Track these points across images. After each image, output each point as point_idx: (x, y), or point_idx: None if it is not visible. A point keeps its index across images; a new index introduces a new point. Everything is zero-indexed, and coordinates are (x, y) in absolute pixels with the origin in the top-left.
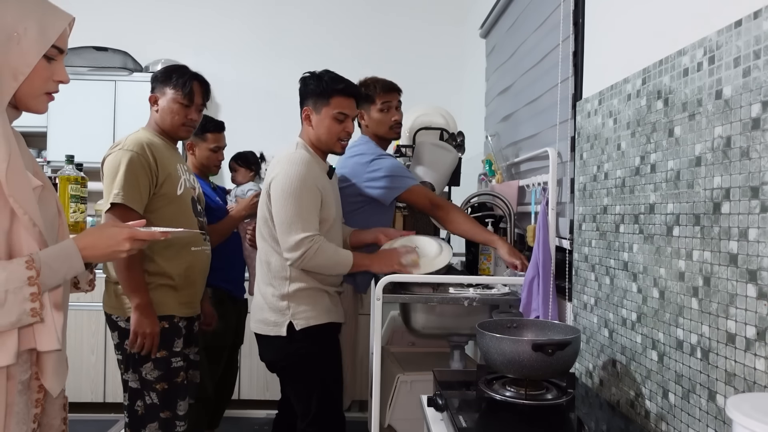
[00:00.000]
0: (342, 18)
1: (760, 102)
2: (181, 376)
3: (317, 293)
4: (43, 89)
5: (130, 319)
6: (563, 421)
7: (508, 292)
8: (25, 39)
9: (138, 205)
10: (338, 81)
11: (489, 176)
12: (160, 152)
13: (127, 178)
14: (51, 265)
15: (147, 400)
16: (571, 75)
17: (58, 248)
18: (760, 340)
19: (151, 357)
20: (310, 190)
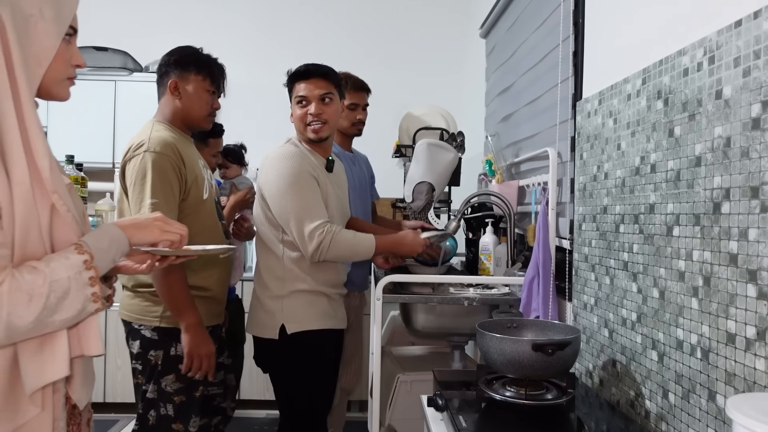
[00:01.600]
0: (342, 18)
1: (760, 102)
2: (199, 391)
3: (315, 296)
4: (65, 74)
5: (182, 340)
6: (563, 421)
7: (508, 292)
8: (42, 21)
9: (174, 213)
10: (298, 68)
11: (489, 176)
12: (185, 152)
13: (158, 183)
14: (101, 247)
15: (161, 411)
16: (571, 75)
17: (100, 232)
18: (760, 340)
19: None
20: (306, 179)
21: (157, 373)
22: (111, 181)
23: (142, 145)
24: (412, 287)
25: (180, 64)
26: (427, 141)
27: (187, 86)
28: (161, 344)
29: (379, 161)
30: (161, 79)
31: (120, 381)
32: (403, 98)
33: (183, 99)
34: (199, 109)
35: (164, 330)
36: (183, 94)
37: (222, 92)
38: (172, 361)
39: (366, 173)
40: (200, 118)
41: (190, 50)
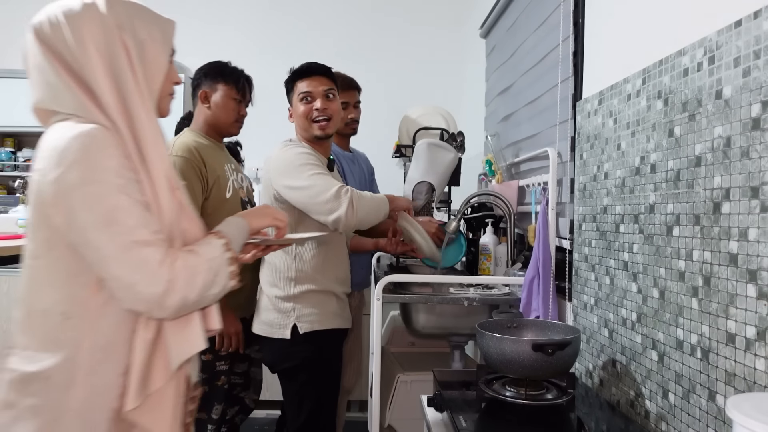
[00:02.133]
0: (341, 18)
1: (760, 102)
2: (222, 380)
3: (325, 296)
4: (168, 90)
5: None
6: (563, 421)
7: (508, 292)
8: (153, 44)
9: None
10: (299, 66)
11: (489, 176)
12: (208, 154)
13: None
14: (233, 232)
15: None
16: (571, 75)
17: (228, 221)
18: (760, 340)
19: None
20: (316, 160)
21: None
22: None
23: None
24: (412, 287)
25: (209, 76)
26: (427, 141)
27: (215, 95)
28: None
29: (379, 161)
30: (194, 90)
31: None
32: (403, 98)
33: (212, 107)
34: (226, 116)
35: None
36: (212, 103)
37: (249, 101)
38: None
39: (365, 172)
40: (227, 124)
41: (219, 63)
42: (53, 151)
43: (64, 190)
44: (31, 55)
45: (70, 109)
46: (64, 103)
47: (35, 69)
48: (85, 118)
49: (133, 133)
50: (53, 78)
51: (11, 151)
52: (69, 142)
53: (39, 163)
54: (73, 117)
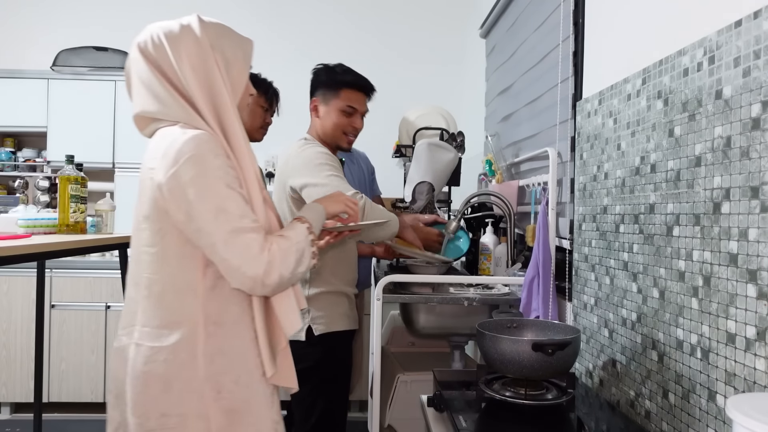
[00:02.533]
0: (342, 18)
1: (760, 102)
2: None
3: (337, 297)
4: (246, 102)
5: None
6: (563, 421)
7: (508, 292)
8: (236, 62)
9: None
10: (350, 73)
11: (489, 176)
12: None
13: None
14: (313, 217)
15: None
16: (571, 75)
17: (308, 207)
18: (760, 340)
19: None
20: (336, 162)
21: None
22: (111, 181)
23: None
24: (412, 287)
25: None
26: (427, 141)
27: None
28: None
29: (379, 161)
30: None
31: None
32: (403, 98)
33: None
34: (252, 121)
35: None
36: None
37: (275, 111)
38: None
39: (365, 171)
40: (253, 129)
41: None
42: (169, 152)
43: (181, 185)
44: (137, 70)
45: (176, 117)
46: (171, 112)
47: (141, 82)
48: (189, 125)
49: (226, 138)
50: (160, 91)
51: (11, 151)
52: (183, 144)
53: (152, 163)
54: (178, 124)
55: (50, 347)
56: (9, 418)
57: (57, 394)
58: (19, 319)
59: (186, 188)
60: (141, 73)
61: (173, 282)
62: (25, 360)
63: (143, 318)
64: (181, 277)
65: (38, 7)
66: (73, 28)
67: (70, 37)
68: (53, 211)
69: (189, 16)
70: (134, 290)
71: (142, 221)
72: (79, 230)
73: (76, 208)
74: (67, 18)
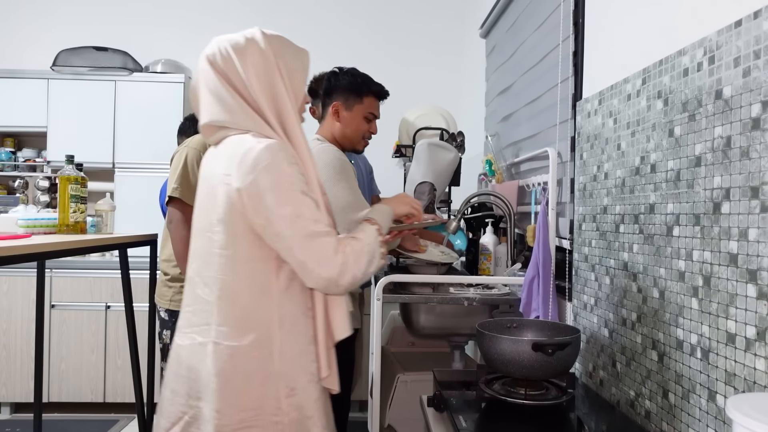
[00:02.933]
0: (342, 18)
1: (760, 102)
2: None
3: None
4: (303, 110)
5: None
6: (563, 421)
7: (508, 292)
8: (297, 72)
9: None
10: (373, 82)
11: (489, 176)
12: None
13: (184, 173)
14: (382, 219)
15: None
16: (571, 75)
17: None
18: (760, 340)
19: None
20: (351, 170)
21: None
22: (111, 181)
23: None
24: (412, 287)
25: None
26: (427, 141)
27: None
28: (171, 324)
29: (379, 161)
30: None
31: (120, 381)
32: (403, 98)
33: None
34: None
35: (173, 312)
36: None
37: None
38: None
39: (364, 171)
40: None
41: None
42: (246, 160)
43: (259, 192)
44: (206, 81)
45: (245, 126)
46: (240, 121)
47: (210, 93)
48: (260, 134)
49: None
50: (230, 100)
51: (11, 151)
52: (259, 153)
53: (228, 170)
54: (249, 132)
55: (50, 347)
56: (9, 418)
57: (57, 394)
58: (19, 319)
59: (264, 195)
60: (210, 84)
61: (249, 283)
62: (25, 360)
63: (219, 317)
64: (255, 279)
65: (38, 7)
66: (73, 28)
67: (70, 37)
68: (53, 211)
69: (252, 29)
70: (205, 291)
71: (216, 224)
72: (79, 230)
73: (76, 208)
74: (67, 18)
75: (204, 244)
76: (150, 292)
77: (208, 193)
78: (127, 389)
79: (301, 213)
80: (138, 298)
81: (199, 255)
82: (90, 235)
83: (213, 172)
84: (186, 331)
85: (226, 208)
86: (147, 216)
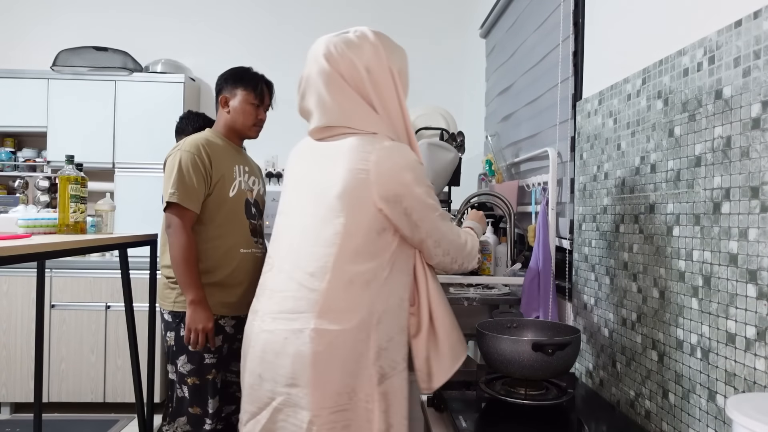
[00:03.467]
0: (341, 18)
1: (760, 102)
2: (212, 374)
3: None
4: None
5: (186, 314)
6: (563, 421)
7: (508, 292)
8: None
9: (193, 203)
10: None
11: (489, 176)
12: (216, 153)
13: (180, 177)
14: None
15: (178, 393)
16: (571, 75)
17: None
18: (760, 340)
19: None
20: None
21: (173, 354)
22: (111, 181)
23: (178, 146)
24: None
25: (229, 81)
26: (427, 141)
27: (234, 100)
28: (174, 326)
29: None
30: (216, 95)
31: (120, 381)
32: None
33: (231, 111)
34: (244, 119)
35: (177, 313)
36: (231, 107)
37: (269, 105)
38: (183, 342)
39: None
40: (246, 127)
41: (239, 69)
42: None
43: (401, 192)
44: (325, 80)
45: (370, 128)
46: (364, 123)
47: (329, 93)
48: (380, 135)
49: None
50: (356, 103)
51: (11, 151)
52: (408, 157)
53: (360, 164)
54: (376, 134)
55: (50, 347)
56: (9, 418)
57: (57, 394)
58: (19, 319)
59: (406, 194)
60: (333, 85)
61: (359, 274)
62: (25, 360)
63: (324, 305)
64: (367, 270)
65: (38, 7)
66: (73, 28)
67: (70, 37)
68: (53, 211)
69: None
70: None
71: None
72: (79, 230)
73: (76, 208)
74: (67, 18)
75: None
76: (150, 292)
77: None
78: (127, 389)
79: (438, 209)
80: (138, 298)
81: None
82: (90, 235)
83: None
84: (274, 316)
85: (350, 201)
86: (147, 216)
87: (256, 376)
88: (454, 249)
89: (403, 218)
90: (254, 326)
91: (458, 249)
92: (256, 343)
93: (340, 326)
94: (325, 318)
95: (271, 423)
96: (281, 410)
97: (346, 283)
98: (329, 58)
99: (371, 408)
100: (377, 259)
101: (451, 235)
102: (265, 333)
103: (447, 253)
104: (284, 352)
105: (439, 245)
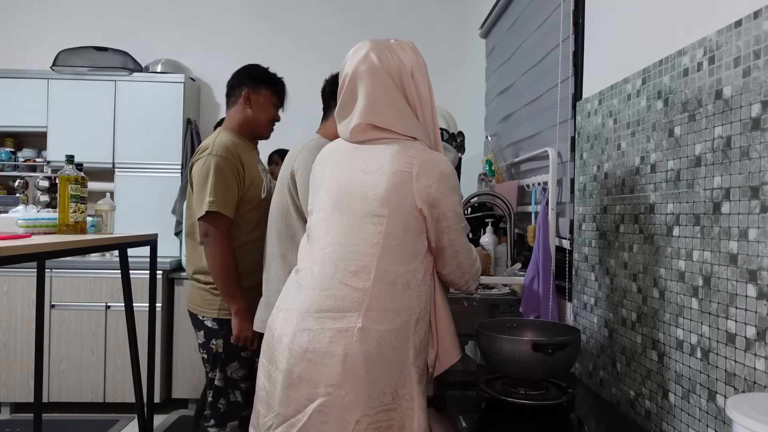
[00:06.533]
0: (341, 19)
1: (760, 102)
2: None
3: None
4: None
5: (232, 323)
6: (563, 421)
7: (508, 292)
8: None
9: (231, 210)
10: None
11: (489, 176)
12: (245, 154)
13: (218, 184)
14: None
15: (231, 398)
16: (571, 75)
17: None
18: (760, 340)
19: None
20: None
21: (221, 361)
22: (111, 181)
23: (206, 149)
24: None
25: (253, 78)
26: None
27: (259, 98)
28: (221, 334)
29: None
30: (233, 90)
31: (120, 381)
32: None
33: (254, 109)
34: (265, 118)
35: (223, 321)
36: (254, 105)
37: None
38: (234, 349)
39: None
40: (264, 126)
41: (261, 68)
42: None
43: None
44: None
45: (411, 133)
46: (407, 127)
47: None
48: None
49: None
50: (402, 106)
51: (11, 151)
52: (449, 165)
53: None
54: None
55: (50, 347)
56: (9, 418)
57: (57, 394)
58: (19, 319)
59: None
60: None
61: (403, 274)
62: (25, 360)
63: (371, 304)
64: (405, 271)
65: (38, 7)
66: (73, 28)
67: (70, 37)
68: (53, 211)
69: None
70: (353, 278)
71: (369, 216)
72: (79, 230)
73: (76, 208)
74: (67, 18)
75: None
76: (150, 292)
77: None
78: (127, 389)
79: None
80: (138, 298)
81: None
82: (90, 235)
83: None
84: (317, 315)
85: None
86: (147, 216)
87: (294, 377)
88: (466, 264)
89: (434, 223)
90: (286, 324)
91: (469, 265)
92: (292, 342)
93: (386, 326)
94: (371, 317)
95: (309, 426)
96: (322, 411)
97: (390, 283)
98: (381, 57)
99: (411, 407)
100: (415, 262)
101: (466, 250)
102: (305, 332)
103: (459, 266)
104: (331, 351)
105: (455, 257)
